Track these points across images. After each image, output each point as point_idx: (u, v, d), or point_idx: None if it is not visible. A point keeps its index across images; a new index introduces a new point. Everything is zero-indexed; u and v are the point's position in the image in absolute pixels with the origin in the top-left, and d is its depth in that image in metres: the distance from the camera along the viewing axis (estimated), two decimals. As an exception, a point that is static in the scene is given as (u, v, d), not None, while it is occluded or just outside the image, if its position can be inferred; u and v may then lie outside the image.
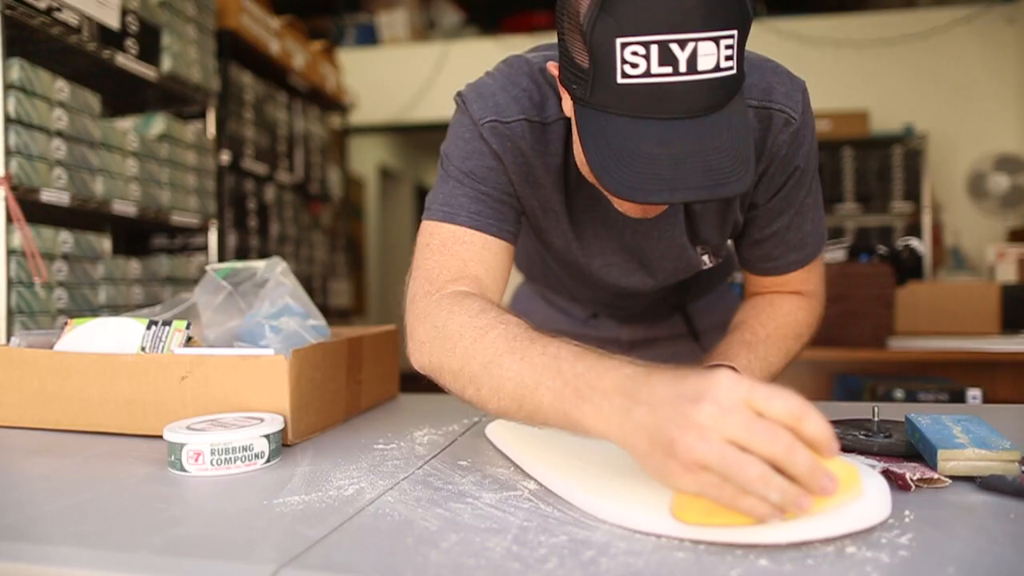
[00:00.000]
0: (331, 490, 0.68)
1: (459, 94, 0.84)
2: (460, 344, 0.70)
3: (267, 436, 0.77)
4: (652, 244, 0.89)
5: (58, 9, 1.72)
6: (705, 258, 0.93)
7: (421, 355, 0.76)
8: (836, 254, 2.14)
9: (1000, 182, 3.95)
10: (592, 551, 0.52)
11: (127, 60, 1.98)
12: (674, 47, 0.60)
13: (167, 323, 0.95)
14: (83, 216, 1.96)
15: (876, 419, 0.82)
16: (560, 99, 0.81)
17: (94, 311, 1.84)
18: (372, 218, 6.26)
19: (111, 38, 1.92)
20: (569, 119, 0.81)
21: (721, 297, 1.21)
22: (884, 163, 3.92)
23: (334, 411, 0.96)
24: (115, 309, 1.90)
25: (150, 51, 2.08)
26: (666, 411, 0.51)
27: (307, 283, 3.16)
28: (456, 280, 0.80)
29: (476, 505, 0.63)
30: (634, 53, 0.61)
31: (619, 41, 0.61)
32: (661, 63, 0.61)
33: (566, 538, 0.55)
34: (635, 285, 0.98)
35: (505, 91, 0.82)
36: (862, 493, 0.54)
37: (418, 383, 0.92)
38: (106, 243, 1.91)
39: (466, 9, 5.24)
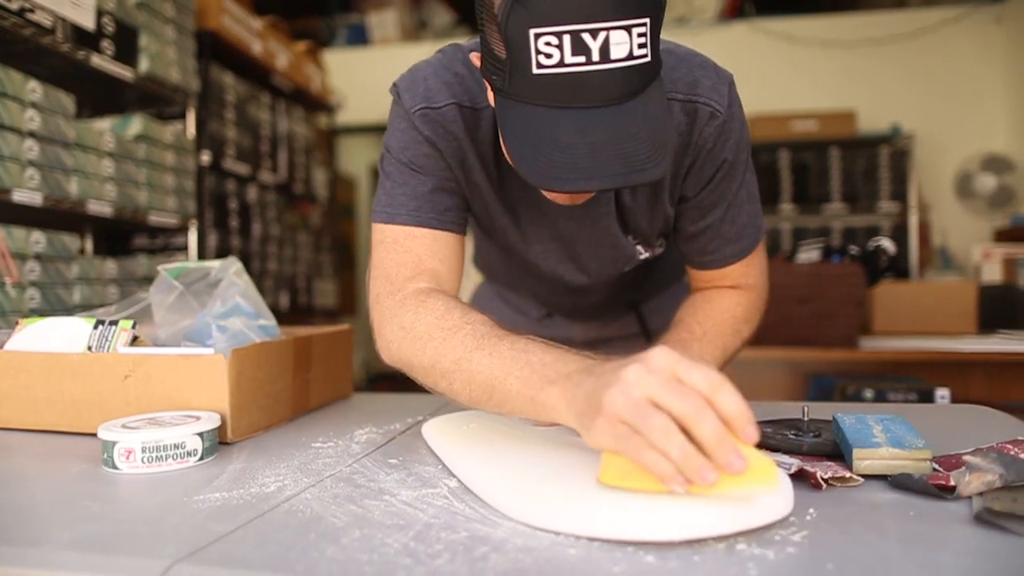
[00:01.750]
0: (254, 487, 0.69)
1: (394, 84, 0.86)
2: (430, 344, 0.75)
3: (200, 434, 0.78)
4: (585, 232, 0.90)
5: (31, 10, 1.73)
6: (639, 248, 0.94)
7: (390, 352, 0.81)
8: (811, 254, 2.14)
9: (987, 182, 3.95)
10: (487, 547, 0.53)
11: (103, 61, 1.99)
12: (586, 36, 0.61)
13: (114, 323, 0.96)
14: (60, 216, 1.98)
15: (806, 419, 0.83)
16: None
17: (68, 311, 1.85)
18: (364, 218, 6.27)
19: (86, 39, 1.92)
20: None
21: (675, 297, 1.21)
22: (871, 163, 3.92)
23: (279, 410, 0.97)
24: (90, 309, 1.91)
25: (127, 52, 2.09)
26: (606, 377, 0.56)
27: (291, 283, 3.17)
28: (414, 277, 0.83)
29: (391, 502, 0.64)
30: (547, 43, 0.62)
31: (532, 32, 0.62)
32: (574, 53, 0.62)
33: (467, 535, 0.56)
34: (573, 275, 0.99)
35: (437, 76, 0.83)
36: (777, 488, 0.54)
37: (388, 383, 0.94)
38: (79, 243, 1.92)
39: (458, 10, 5.24)
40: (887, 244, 1.97)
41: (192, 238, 2.43)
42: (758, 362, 2.21)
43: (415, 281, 0.83)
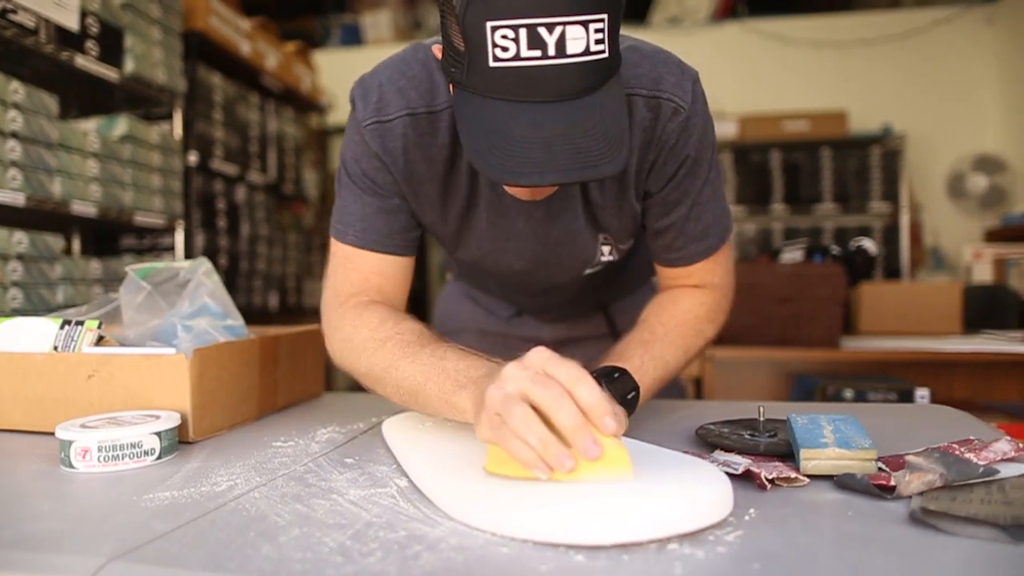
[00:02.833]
0: (205, 486, 0.69)
1: (352, 89, 0.86)
2: (364, 354, 0.83)
3: (158, 433, 0.79)
4: (545, 230, 0.90)
5: (13, 11, 1.73)
6: (605, 249, 0.94)
7: (336, 359, 0.90)
8: (794, 254, 2.15)
9: (979, 182, 3.95)
10: (421, 546, 0.53)
11: (87, 62, 2.00)
12: (542, 31, 0.62)
13: (80, 323, 0.96)
14: (45, 217, 1.98)
15: (762, 419, 0.83)
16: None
17: (51, 311, 1.86)
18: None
19: (70, 40, 1.93)
20: None
21: (644, 298, 1.21)
22: (862, 163, 3.93)
23: (244, 409, 0.97)
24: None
25: (112, 53, 2.10)
26: (495, 377, 0.61)
27: (281, 283, 3.17)
28: (358, 293, 0.90)
29: (337, 501, 0.64)
30: (504, 36, 0.62)
31: (489, 24, 0.62)
32: (530, 47, 0.62)
33: (405, 534, 0.56)
34: (530, 276, 0.99)
35: (392, 82, 0.83)
36: (631, 476, 0.57)
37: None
38: (63, 243, 1.93)
39: (452, 9, 5.25)
40: (868, 244, 1.97)
41: (179, 238, 2.44)
42: (742, 362, 2.21)
43: (358, 296, 0.90)
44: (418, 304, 5.53)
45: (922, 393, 1.82)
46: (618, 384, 0.81)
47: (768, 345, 2.06)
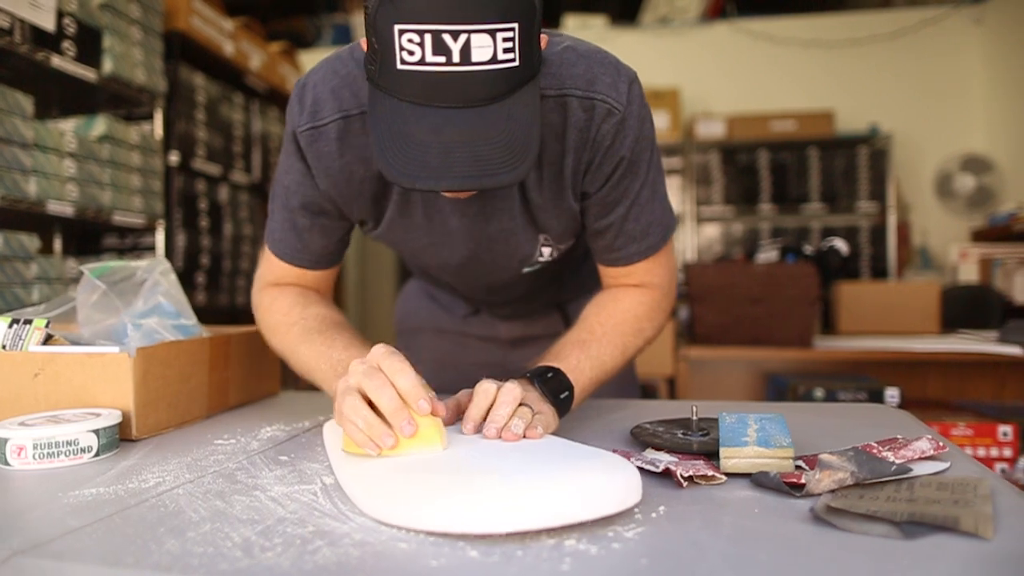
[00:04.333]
0: (133, 483, 0.70)
1: (294, 89, 0.88)
2: (276, 335, 0.97)
3: (96, 431, 0.80)
4: (479, 228, 0.91)
5: (-13, 12, 1.75)
6: (546, 251, 0.95)
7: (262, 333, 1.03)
8: (771, 254, 2.15)
9: (966, 182, 3.95)
10: (323, 542, 0.54)
11: (63, 62, 2.01)
12: (446, 37, 0.62)
13: (28, 321, 0.97)
14: (25, 216, 1.99)
15: (695, 418, 0.84)
16: None
17: (27, 309, 1.87)
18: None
19: (46, 40, 1.94)
20: None
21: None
22: (850, 163, 3.93)
23: (192, 407, 0.98)
24: (50, 307, 1.93)
25: (90, 53, 2.11)
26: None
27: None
28: (276, 284, 1.01)
29: (258, 498, 0.65)
30: (410, 40, 0.63)
31: (397, 27, 0.63)
32: (435, 52, 0.63)
33: (313, 529, 0.57)
34: (468, 271, 1.00)
35: (326, 82, 0.84)
36: (441, 448, 0.68)
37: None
38: (39, 243, 1.94)
39: (443, 9, 5.25)
40: (840, 244, 1.98)
41: (160, 238, 2.45)
42: (716, 362, 2.22)
43: (277, 284, 1.01)
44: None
45: (892, 393, 1.82)
46: (551, 383, 0.82)
47: (742, 345, 2.07)
